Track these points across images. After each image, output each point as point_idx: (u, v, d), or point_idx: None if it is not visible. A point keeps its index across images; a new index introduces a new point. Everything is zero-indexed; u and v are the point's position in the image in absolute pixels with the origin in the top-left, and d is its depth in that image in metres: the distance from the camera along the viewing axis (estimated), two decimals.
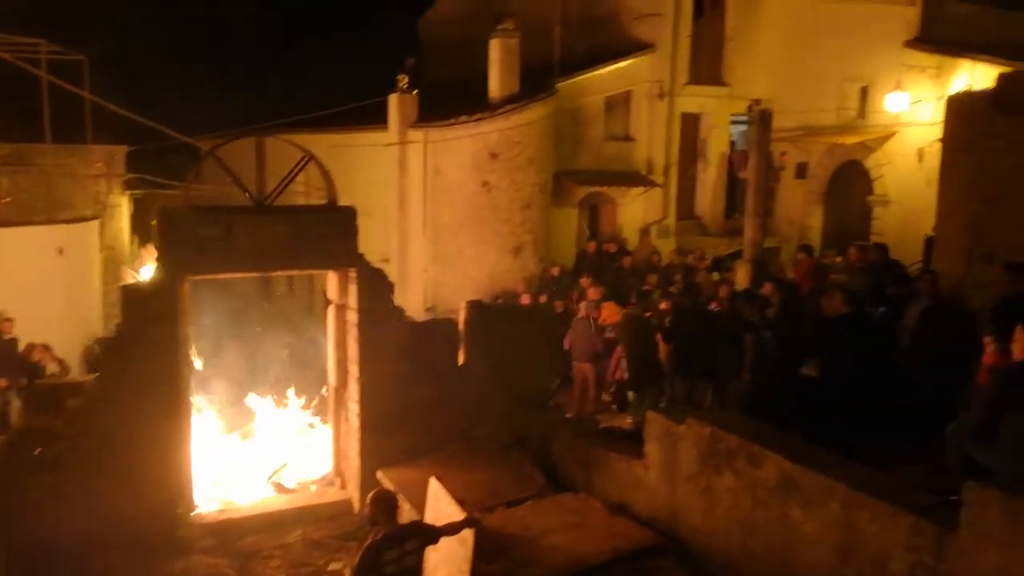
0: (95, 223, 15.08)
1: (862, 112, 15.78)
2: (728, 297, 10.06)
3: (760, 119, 12.66)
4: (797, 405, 8.47)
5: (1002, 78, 9.17)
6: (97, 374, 7.77)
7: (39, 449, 7.27)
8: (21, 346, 12.24)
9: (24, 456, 7.22)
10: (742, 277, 11.93)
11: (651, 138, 17.22)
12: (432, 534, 5.55)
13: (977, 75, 13.11)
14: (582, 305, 11.55)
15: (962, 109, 9.67)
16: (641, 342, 9.76)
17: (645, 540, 6.48)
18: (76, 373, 11.30)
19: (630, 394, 10.05)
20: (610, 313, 11.60)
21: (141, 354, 7.52)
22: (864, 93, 15.71)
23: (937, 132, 12.79)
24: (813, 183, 16.87)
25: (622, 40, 17.09)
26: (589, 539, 6.47)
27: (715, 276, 13.56)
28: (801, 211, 17.08)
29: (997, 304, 7.66)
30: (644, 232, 17.00)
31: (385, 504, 5.43)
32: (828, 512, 5.37)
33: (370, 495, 5.55)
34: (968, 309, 8.24)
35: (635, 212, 17.20)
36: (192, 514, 7.88)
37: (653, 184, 17.06)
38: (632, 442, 7.65)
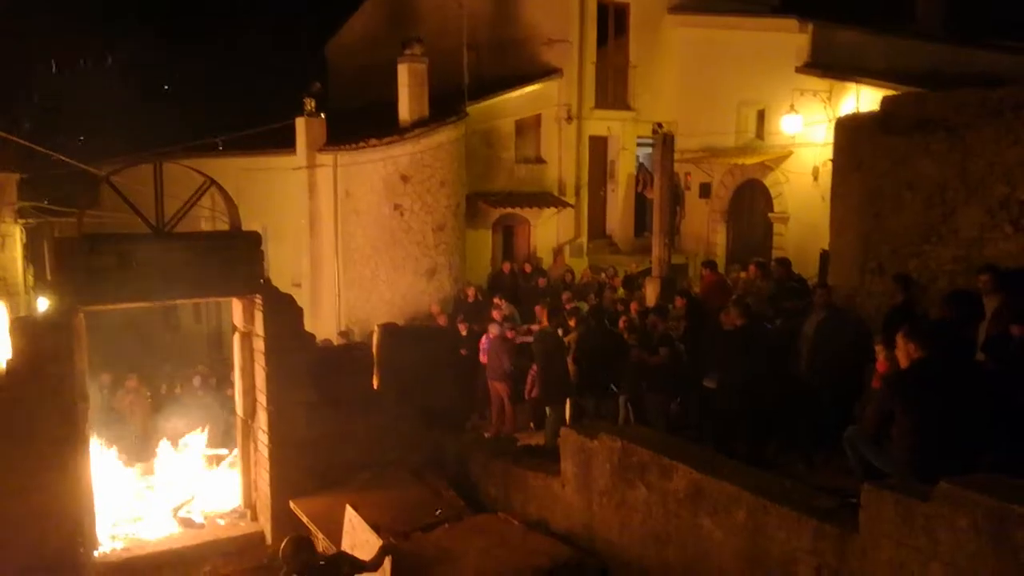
0: None
1: (760, 133, 16.45)
2: (640, 313, 10.28)
3: (663, 141, 13.06)
4: (704, 416, 8.76)
5: (886, 101, 9.69)
6: None
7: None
8: None
9: None
10: (651, 293, 12.22)
11: (562, 160, 17.52)
12: (359, 565, 5.49)
13: (864, 98, 13.85)
14: (493, 324, 11.59)
15: (850, 130, 10.17)
16: (553, 359, 9.88)
17: (563, 556, 6.50)
18: None
19: (547, 411, 10.13)
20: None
21: (34, 390, 7.15)
22: (761, 116, 16.39)
23: (830, 152, 13.48)
24: (716, 202, 17.46)
25: (532, 65, 17.39)
26: (508, 558, 6.46)
27: (620, 293, 13.85)
28: (706, 229, 17.63)
29: (889, 313, 8.08)
30: (558, 252, 17.23)
31: (301, 547, 5.48)
32: (735, 519, 5.50)
33: (283, 547, 5.50)
34: (862, 318, 8.64)
35: (548, 232, 17.43)
36: (96, 553, 7.49)
37: (565, 205, 17.35)
38: (549, 459, 7.70)
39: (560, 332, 10.26)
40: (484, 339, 11.56)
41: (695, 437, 8.29)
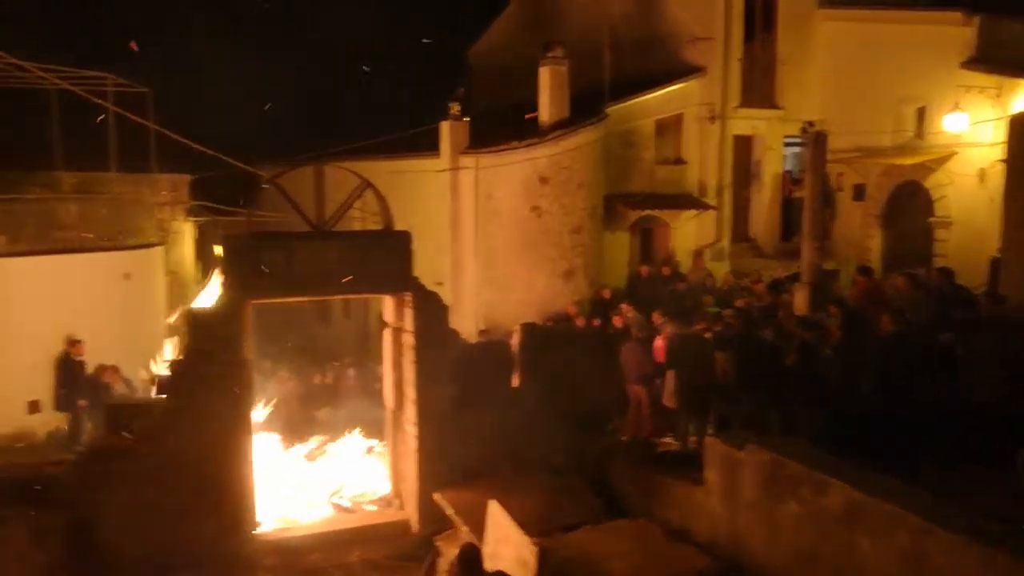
0: (160, 249, 15.58)
1: (920, 133, 15.50)
2: (787, 320, 9.92)
3: (815, 140, 12.53)
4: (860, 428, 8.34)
5: None
6: (165, 395, 8.01)
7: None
8: (89, 367, 12.69)
9: (95, 474, 7.45)
10: (800, 300, 11.75)
11: (703, 161, 17.15)
12: None
13: None
14: (632, 327, 11.48)
15: None
16: (696, 365, 9.67)
17: (706, 567, 6.39)
18: (142, 394, 11.62)
19: (686, 417, 9.96)
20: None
21: (206, 376, 7.73)
22: (921, 114, 15.45)
23: (999, 152, 12.51)
24: (871, 205, 16.59)
25: (673, 63, 17.12)
26: (649, 565, 6.42)
27: (766, 298, 13.39)
28: (860, 233, 16.79)
29: None
30: (697, 255, 16.87)
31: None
32: (896, 542, 5.24)
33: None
34: None
35: (688, 235, 17.10)
36: (256, 532, 8.02)
37: (706, 206, 16.97)
38: (690, 467, 7.58)
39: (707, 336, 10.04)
40: (658, 339, 11.34)
41: (847, 452, 7.92)
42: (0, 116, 13.35)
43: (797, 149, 18.28)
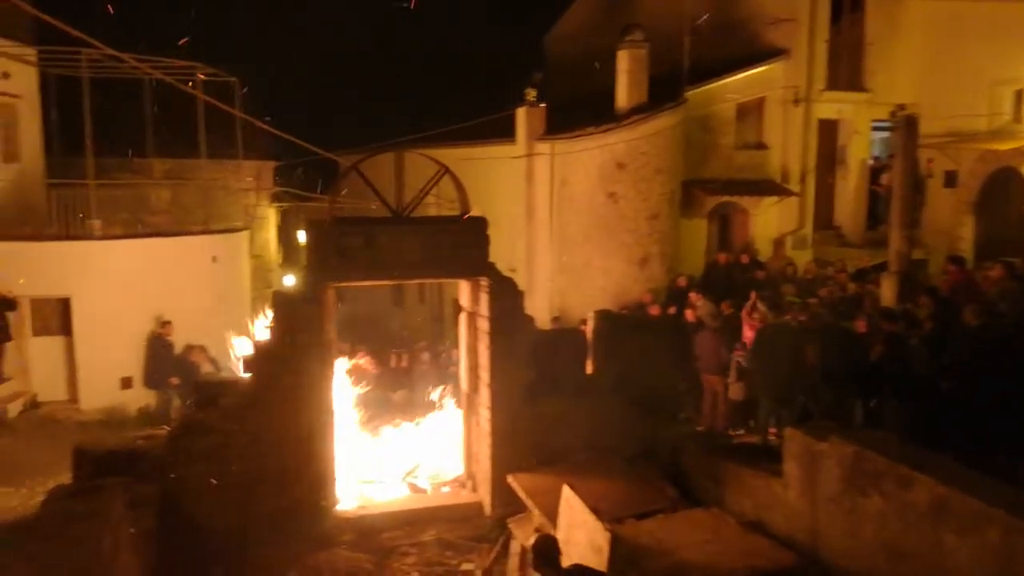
0: (245, 233, 16.11)
1: (1018, 116, 14.78)
2: (872, 310, 9.59)
3: (905, 124, 12.03)
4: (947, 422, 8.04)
5: None
6: (250, 374, 8.29)
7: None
8: (178, 347, 13.24)
9: (184, 449, 7.78)
10: (888, 290, 11.34)
11: (786, 145, 16.72)
12: None
13: None
14: (707, 316, 11.31)
15: None
16: (779, 355, 9.44)
17: (784, 560, 6.27)
18: (228, 373, 12.06)
19: (764, 407, 9.76)
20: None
21: (289, 356, 7.97)
22: (1019, 96, 14.74)
23: None
24: (963, 192, 15.87)
25: (755, 46, 16.70)
26: (725, 555, 6.33)
27: (850, 288, 12.99)
28: (951, 221, 16.09)
29: None
30: (778, 243, 16.48)
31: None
32: (986, 539, 5.04)
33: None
34: None
35: (768, 222, 16.71)
36: (335, 509, 8.25)
37: (788, 193, 16.53)
38: (767, 458, 7.44)
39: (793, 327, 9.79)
40: (746, 329, 11.17)
41: (935, 445, 7.64)
42: (97, 105, 13.97)
43: (885, 134, 17.62)
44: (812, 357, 9.23)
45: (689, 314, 12.03)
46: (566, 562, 5.49)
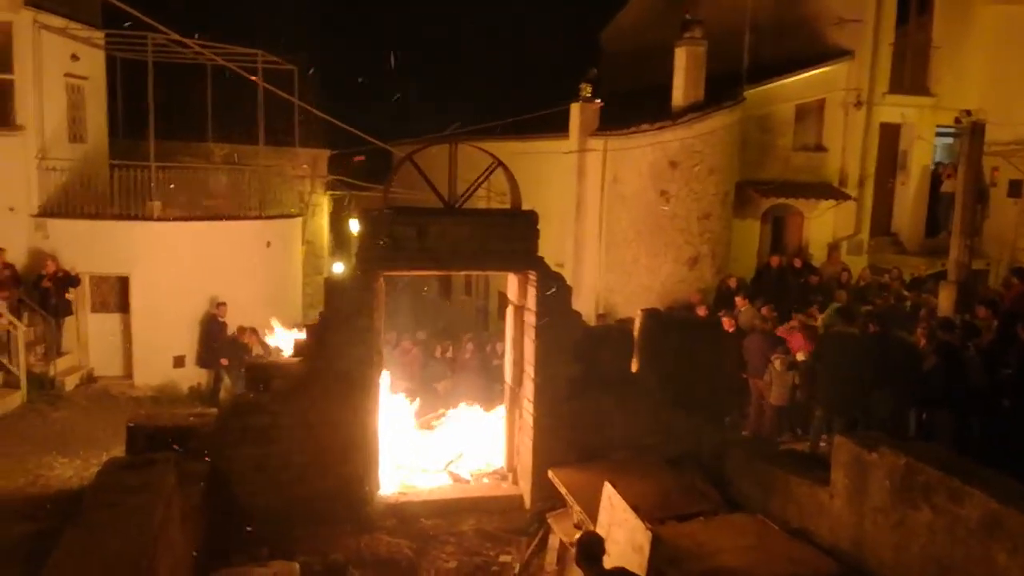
0: (299, 219, 16.40)
1: None
2: (927, 320, 9.36)
3: (972, 131, 11.69)
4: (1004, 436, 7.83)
5: None
6: (300, 357, 8.43)
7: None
8: (231, 329, 13.54)
9: (233, 428, 7.95)
10: (945, 300, 11.05)
11: (845, 149, 16.37)
12: None
13: None
14: (756, 320, 11.14)
15: None
16: (840, 362, 9.22)
17: (828, 569, 6.17)
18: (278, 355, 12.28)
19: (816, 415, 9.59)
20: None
21: (339, 341, 8.08)
22: None
23: None
24: None
25: (817, 46, 16.37)
26: (766, 563, 6.25)
27: (906, 297, 12.69)
28: (1014, 232, 15.62)
29: None
30: (833, 248, 16.16)
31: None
32: None
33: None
34: None
35: (824, 226, 16.40)
36: (377, 494, 8.35)
37: (846, 197, 16.19)
38: (813, 466, 7.31)
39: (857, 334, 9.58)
40: (796, 336, 10.87)
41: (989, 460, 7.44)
42: (161, 89, 14.33)
43: (949, 140, 17.15)
44: (869, 367, 9.02)
45: (726, 323, 11.60)
46: (607, 561, 5.48)
